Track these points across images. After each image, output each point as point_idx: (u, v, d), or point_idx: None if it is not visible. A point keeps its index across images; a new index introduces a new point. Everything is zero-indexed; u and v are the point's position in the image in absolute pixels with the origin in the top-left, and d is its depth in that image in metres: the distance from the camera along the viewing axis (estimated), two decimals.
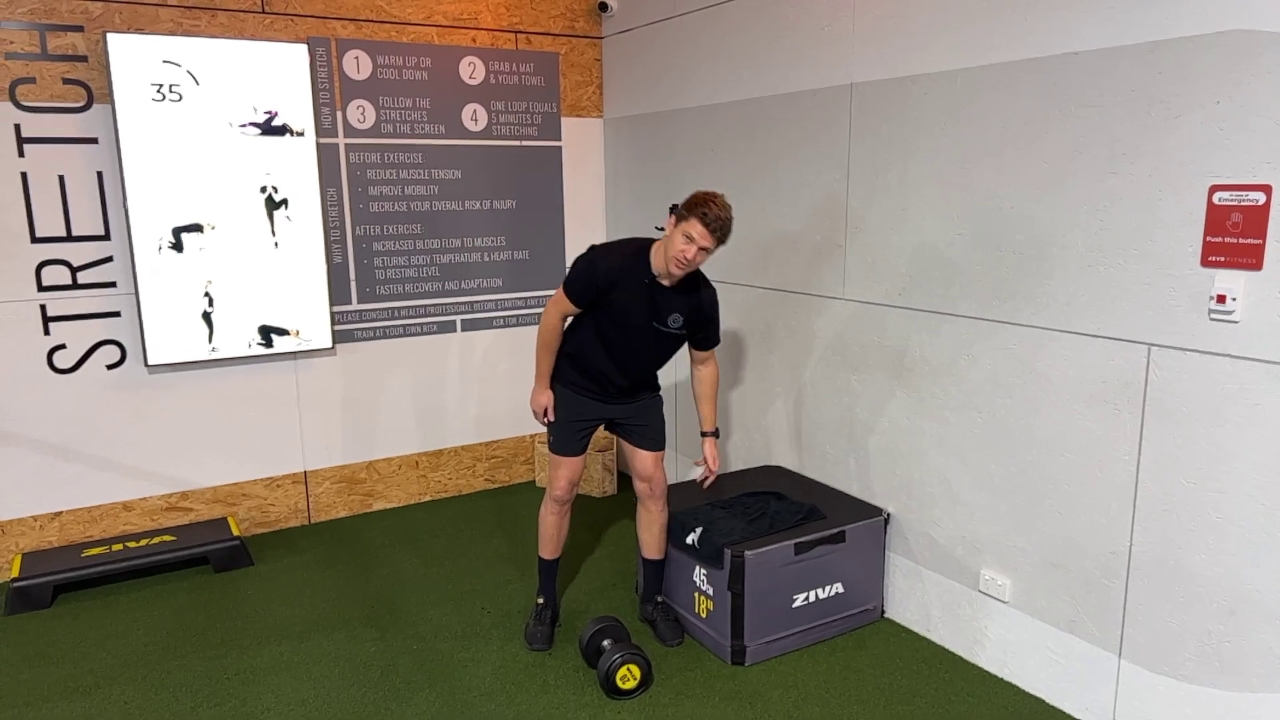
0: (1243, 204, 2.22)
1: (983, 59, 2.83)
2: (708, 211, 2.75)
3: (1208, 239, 2.31)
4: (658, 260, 2.90)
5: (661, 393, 3.26)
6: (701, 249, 2.79)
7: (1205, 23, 2.26)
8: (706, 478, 3.24)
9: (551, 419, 3.14)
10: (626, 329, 2.99)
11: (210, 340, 3.94)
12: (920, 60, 3.03)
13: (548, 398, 3.13)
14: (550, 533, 3.24)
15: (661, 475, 3.23)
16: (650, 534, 3.28)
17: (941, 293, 3.06)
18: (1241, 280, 2.25)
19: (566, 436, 3.14)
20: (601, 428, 3.24)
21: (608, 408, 3.15)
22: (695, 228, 2.76)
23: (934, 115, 3.01)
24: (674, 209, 2.87)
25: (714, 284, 3.12)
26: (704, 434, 3.21)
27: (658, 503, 3.24)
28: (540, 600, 3.29)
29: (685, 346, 3.17)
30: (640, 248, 2.95)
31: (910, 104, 3.09)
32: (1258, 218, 2.20)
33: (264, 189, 3.96)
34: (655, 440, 3.21)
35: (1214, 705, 2.44)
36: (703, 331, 3.09)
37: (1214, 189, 2.28)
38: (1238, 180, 2.24)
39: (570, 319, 3.09)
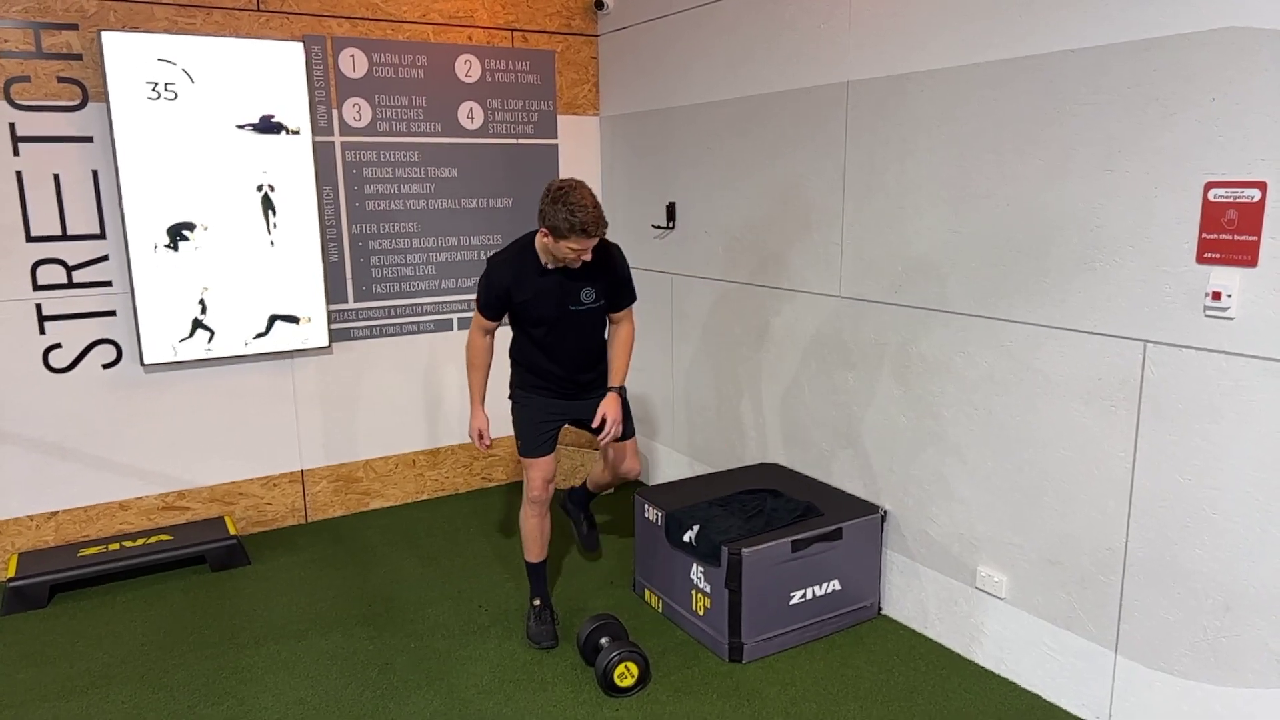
0: (1238, 201, 2.23)
1: (980, 56, 2.83)
2: (586, 223, 2.71)
3: (1203, 236, 2.31)
4: (544, 252, 2.90)
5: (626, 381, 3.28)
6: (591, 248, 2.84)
7: (1201, 20, 2.26)
8: (606, 433, 3.10)
9: (489, 444, 3.16)
10: (546, 323, 3.01)
11: (207, 340, 3.93)
12: (917, 58, 3.03)
13: (482, 421, 3.15)
14: (533, 535, 3.24)
15: (639, 465, 3.36)
16: (603, 483, 3.47)
17: (938, 290, 3.06)
18: (1237, 277, 2.26)
19: (532, 437, 3.16)
20: (570, 426, 3.27)
21: (572, 404, 3.18)
22: (579, 243, 2.75)
23: (930, 113, 3.01)
24: (540, 219, 2.80)
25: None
26: (610, 388, 3.14)
27: (629, 479, 3.40)
28: (537, 602, 3.29)
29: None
30: (524, 244, 2.97)
31: (907, 102, 3.09)
32: (1253, 214, 2.21)
33: (260, 188, 3.96)
34: (625, 428, 3.22)
35: (1209, 701, 2.45)
36: (617, 293, 3.09)
37: (1209, 186, 2.29)
38: (1233, 177, 2.24)
39: (512, 336, 3.15)
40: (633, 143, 4.65)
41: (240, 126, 3.87)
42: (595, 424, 3.10)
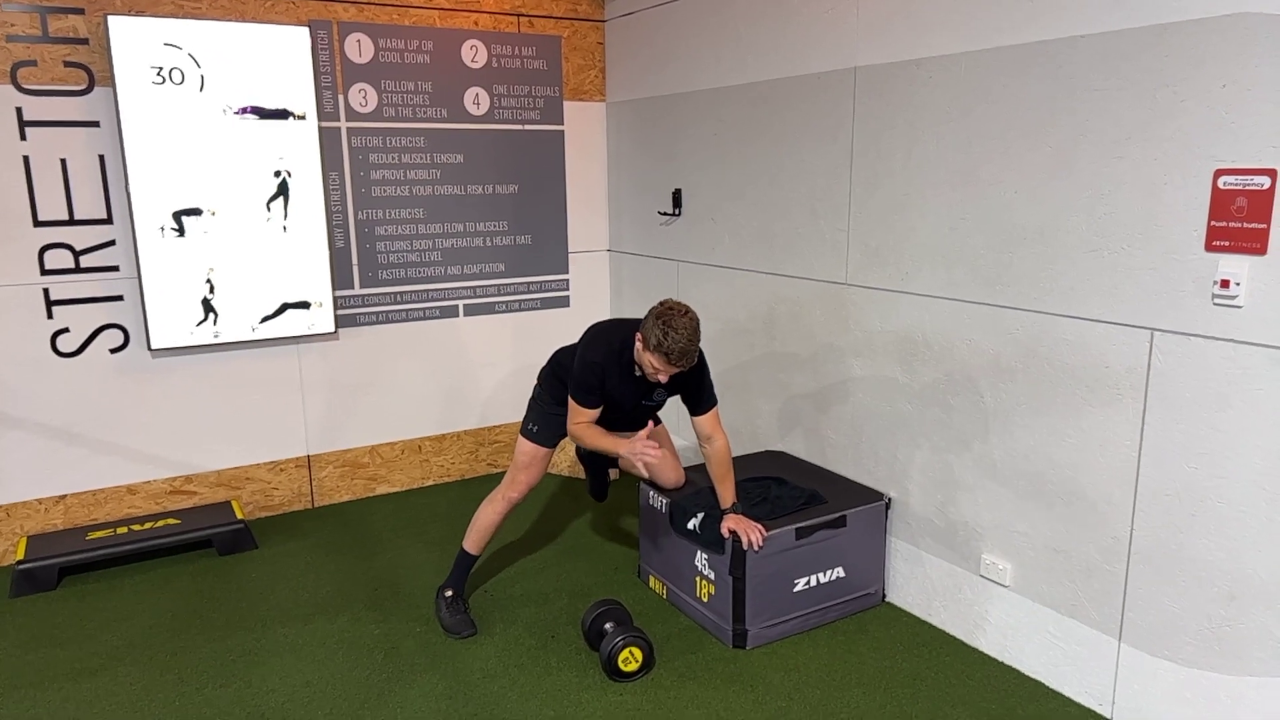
0: (1247, 188, 2.22)
1: (988, 42, 2.81)
2: (671, 351, 2.76)
3: (1212, 223, 2.30)
4: (637, 356, 2.94)
5: None
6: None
7: (1212, 5, 2.24)
8: (750, 544, 3.02)
9: (656, 445, 2.95)
10: (620, 410, 3.10)
11: (214, 324, 3.94)
12: (925, 43, 3.01)
13: (631, 444, 2.93)
14: (490, 528, 3.27)
15: (682, 471, 3.36)
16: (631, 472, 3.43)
17: (945, 277, 3.05)
18: (1245, 265, 2.24)
19: (550, 428, 3.19)
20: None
21: None
22: (660, 363, 2.81)
23: (938, 99, 2.99)
24: (642, 325, 2.86)
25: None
26: (723, 512, 3.13)
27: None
28: (449, 593, 3.28)
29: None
30: (624, 343, 2.98)
31: (914, 88, 3.07)
32: (1262, 202, 2.19)
33: (278, 173, 3.96)
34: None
35: (1214, 689, 2.45)
36: (693, 396, 3.09)
37: (1219, 173, 2.27)
38: (1243, 164, 2.23)
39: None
40: (639, 129, 4.63)
41: (246, 112, 3.86)
42: (725, 534, 3.08)
